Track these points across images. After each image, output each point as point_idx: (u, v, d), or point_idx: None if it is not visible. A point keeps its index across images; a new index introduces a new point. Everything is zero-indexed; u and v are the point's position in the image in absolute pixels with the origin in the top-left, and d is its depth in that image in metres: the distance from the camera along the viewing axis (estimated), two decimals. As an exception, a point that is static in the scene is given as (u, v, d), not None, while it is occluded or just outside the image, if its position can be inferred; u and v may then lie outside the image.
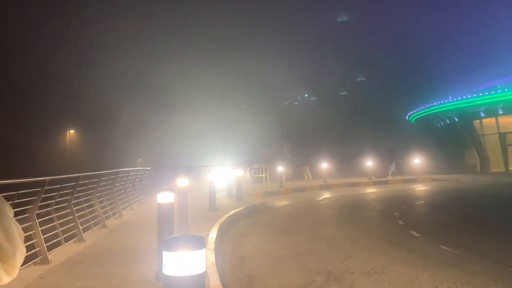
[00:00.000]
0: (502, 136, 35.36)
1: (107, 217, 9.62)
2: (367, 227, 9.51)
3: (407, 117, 44.57)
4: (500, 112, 34.22)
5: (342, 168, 28.10)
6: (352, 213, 12.09)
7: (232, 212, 11.13)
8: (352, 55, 45.20)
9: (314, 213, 12.52)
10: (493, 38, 38.76)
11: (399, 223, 9.86)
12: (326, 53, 43.24)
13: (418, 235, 8.25)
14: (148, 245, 6.61)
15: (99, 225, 8.86)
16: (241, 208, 12.02)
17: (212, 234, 7.93)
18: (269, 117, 33.20)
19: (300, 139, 34.50)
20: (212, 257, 6.05)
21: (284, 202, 15.60)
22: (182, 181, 8.52)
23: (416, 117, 42.90)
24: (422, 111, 41.08)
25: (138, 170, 13.79)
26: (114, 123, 37.27)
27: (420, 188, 20.41)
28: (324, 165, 23.31)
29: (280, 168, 20.98)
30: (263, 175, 21.70)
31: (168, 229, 4.68)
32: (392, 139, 37.30)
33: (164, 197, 4.90)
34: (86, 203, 8.56)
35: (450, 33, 45.28)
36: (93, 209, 8.86)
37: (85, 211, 8.34)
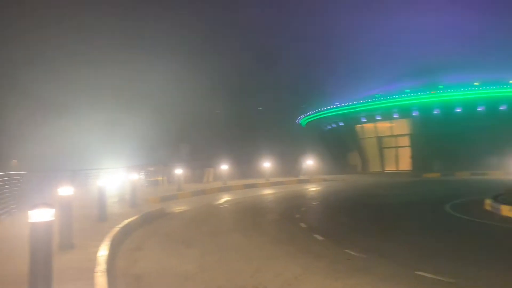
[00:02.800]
0: (379, 139, 39.32)
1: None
2: (273, 232, 9.28)
3: (297, 121, 46.91)
4: (378, 118, 37.90)
5: (241, 170, 28.11)
6: (256, 217, 11.83)
7: (126, 221, 9.96)
8: (248, 61, 46.07)
9: (216, 218, 11.96)
10: (376, 49, 42.87)
11: (302, 226, 9.85)
12: (224, 59, 43.36)
13: (322, 238, 8.24)
14: (17, 273, 5.29)
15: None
16: (136, 216, 10.88)
17: (103, 251, 6.82)
18: (166, 118, 31.83)
19: (199, 141, 33.75)
20: (103, 282, 5.07)
21: (183, 207, 14.73)
22: (65, 189, 7.20)
23: (306, 121, 45.43)
24: (312, 116, 43.64)
25: (9, 175, 11.61)
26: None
27: (314, 189, 21.33)
28: (224, 167, 22.95)
29: (179, 171, 19.97)
30: (160, 178, 20.47)
31: (45, 260, 3.63)
32: (286, 142, 38.76)
33: (39, 215, 3.80)
34: None
35: (338, 43, 48.95)
36: None
37: None
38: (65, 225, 7.13)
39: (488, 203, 11.35)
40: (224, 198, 17.62)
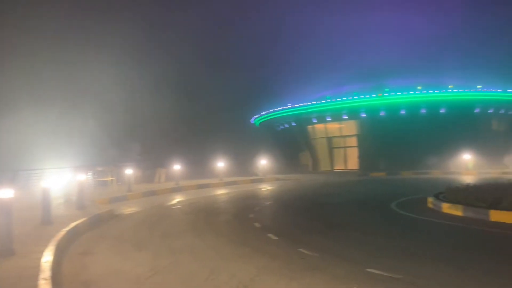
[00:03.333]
0: (329, 140, 40.50)
1: None
2: (227, 233, 9.23)
3: (251, 120, 47.17)
4: (328, 119, 39.04)
5: (194, 170, 27.74)
6: (209, 217, 11.72)
7: (73, 224, 9.49)
8: (203, 61, 45.62)
9: (169, 219, 11.70)
10: (329, 52, 44.00)
11: (256, 226, 9.89)
12: (178, 59, 42.61)
13: (276, 238, 8.33)
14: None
15: None
16: (84, 218, 10.40)
17: (47, 257, 6.44)
18: (117, 116, 30.60)
19: (151, 141, 32.84)
20: (48, 290, 4.79)
21: (134, 209, 14.30)
22: (5, 191, 6.69)
23: (260, 121, 45.80)
24: (265, 116, 44.08)
25: None
26: None
27: (267, 188, 21.52)
28: (177, 167, 22.54)
29: (129, 171, 19.33)
30: (109, 179, 19.69)
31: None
32: (240, 142, 38.76)
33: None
34: None
35: (292, 45, 49.84)
36: None
37: None
38: (5, 230, 6.66)
39: (431, 201, 12.03)
40: (177, 199, 17.32)
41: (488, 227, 8.77)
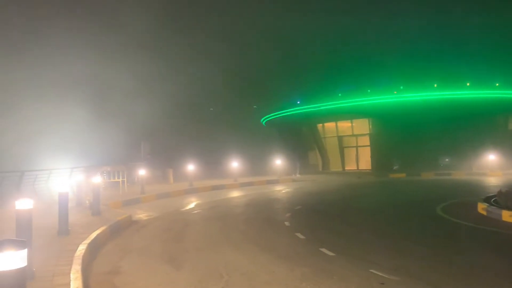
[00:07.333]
0: (340, 139, 39.32)
1: None
2: (271, 246, 8.05)
3: (261, 120, 46.05)
4: (339, 117, 37.86)
5: (205, 170, 26.60)
6: (240, 225, 10.57)
7: (94, 235, 8.36)
8: (214, 60, 44.67)
9: (195, 227, 10.54)
10: (339, 49, 42.93)
11: (299, 237, 8.73)
12: (190, 57, 41.61)
13: (333, 254, 7.14)
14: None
15: None
16: (104, 227, 9.26)
17: (74, 281, 5.29)
18: (125, 114, 29.53)
19: (160, 140, 31.70)
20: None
21: (151, 213, 13.14)
22: (24, 202, 5.51)
23: (269, 120, 44.63)
24: (274, 114, 42.93)
25: None
26: None
27: (286, 190, 20.31)
28: (190, 167, 21.38)
29: (142, 171, 18.15)
30: (120, 180, 18.52)
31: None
32: (250, 141, 37.69)
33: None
34: None
35: (301, 42, 48.85)
36: None
37: None
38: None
39: (483, 207, 10.88)
40: (194, 202, 16.18)
41: None
